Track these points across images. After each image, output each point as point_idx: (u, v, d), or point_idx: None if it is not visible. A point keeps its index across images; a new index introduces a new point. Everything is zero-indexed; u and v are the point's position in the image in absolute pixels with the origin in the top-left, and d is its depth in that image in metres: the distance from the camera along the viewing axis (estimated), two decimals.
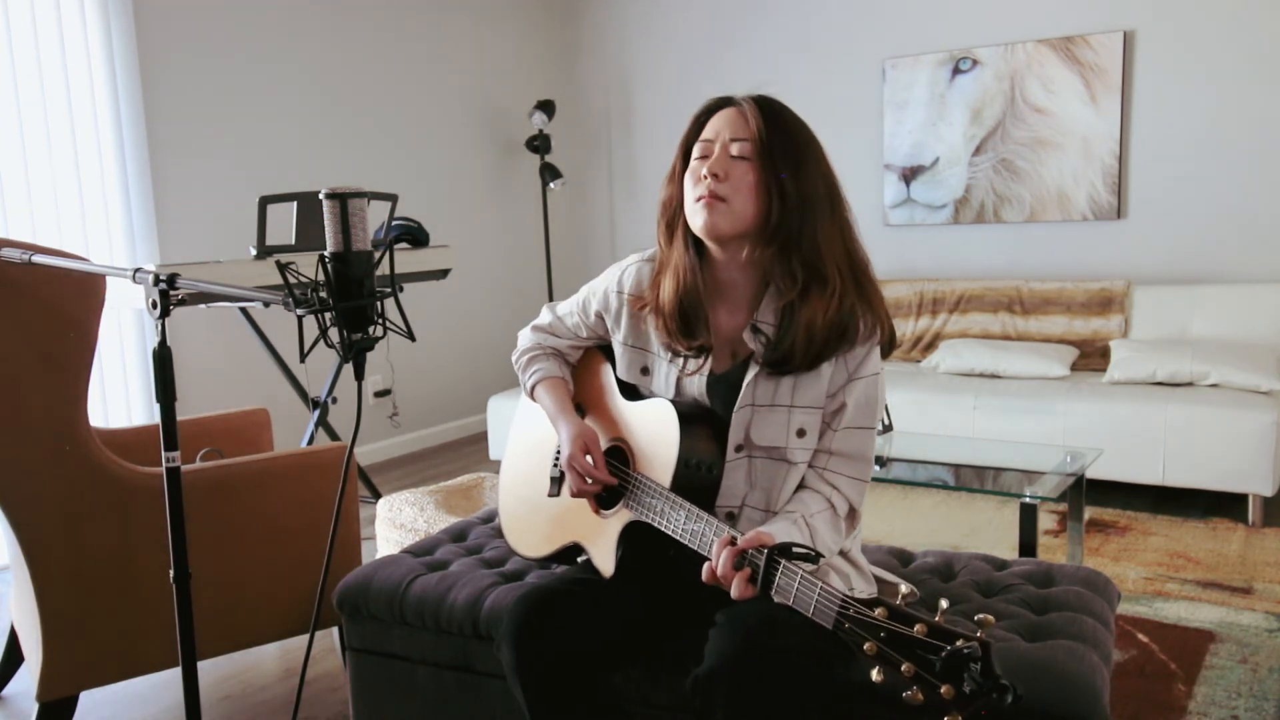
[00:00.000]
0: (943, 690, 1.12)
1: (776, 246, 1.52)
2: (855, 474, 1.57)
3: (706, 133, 1.54)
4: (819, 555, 1.34)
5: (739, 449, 1.56)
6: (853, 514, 1.59)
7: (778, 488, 1.56)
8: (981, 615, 1.13)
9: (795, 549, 1.33)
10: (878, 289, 1.58)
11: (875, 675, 1.17)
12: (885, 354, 1.59)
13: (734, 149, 1.50)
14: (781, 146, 1.50)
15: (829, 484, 1.56)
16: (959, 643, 1.12)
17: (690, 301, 1.57)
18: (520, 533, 1.83)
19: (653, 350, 1.66)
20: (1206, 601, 2.81)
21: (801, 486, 1.57)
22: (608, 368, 1.75)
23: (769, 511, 1.56)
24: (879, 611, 1.19)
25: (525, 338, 1.84)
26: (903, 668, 1.15)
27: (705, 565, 1.40)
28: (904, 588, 1.23)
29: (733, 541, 1.37)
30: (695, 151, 1.54)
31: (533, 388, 1.77)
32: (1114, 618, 1.76)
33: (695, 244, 1.58)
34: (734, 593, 1.34)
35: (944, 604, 1.18)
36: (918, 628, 1.15)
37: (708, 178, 1.50)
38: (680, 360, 1.61)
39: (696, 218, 1.52)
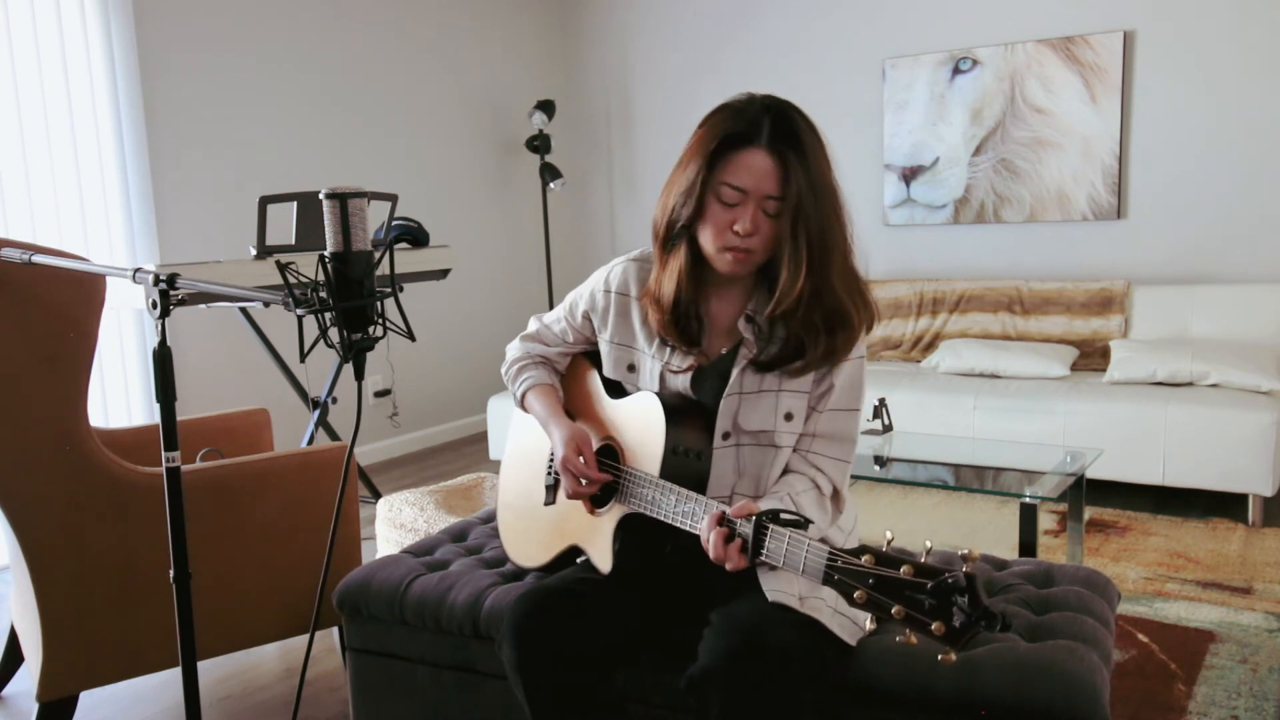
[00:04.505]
0: (934, 628, 1.14)
1: (792, 301, 1.51)
2: (838, 455, 1.61)
3: (739, 178, 1.47)
4: (807, 522, 1.36)
5: (726, 436, 1.58)
6: (837, 496, 1.61)
7: (765, 473, 1.58)
8: (965, 550, 1.15)
9: (783, 515, 1.35)
10: (864, 282, 1.59)
11: (869, 625, 1.19)
12: (867, 331, 1.61)
13: (768, 207, 1.49)
14: (816, 204, 1.48)
15: (813, 465, 1.60)
16: (945, 575, 1.14)
17: (688, 305, 1.58)
18: (518, 544, 1.84)
19: (638, 347, 1.67)
20: (1206, 601, 2.81)
21: (785, 470, 1.60)
22: (594, 373, 1.77)
23: (759, 498, 1.58)
24: (865, 558, 1.21)
25: (513, 349, 1.84)
26: (893, 610, 1.17)
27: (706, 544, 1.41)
28: (887, 534, 1.25)
29: (721, 516, 1.40)
30: (724, 195, 1.49)
31: (523, 396, 1.77)
32: (1114, 618, 1.76)
33: (697, 254, 1.57)
34: (727, 564, 1.37)
35: (928, 544, 1.20)
36: (904, 569, 1.18)
37: (739, 233, 1.49)
38: (667, 352, 1.62)
39: (721, 264, 1.53)
